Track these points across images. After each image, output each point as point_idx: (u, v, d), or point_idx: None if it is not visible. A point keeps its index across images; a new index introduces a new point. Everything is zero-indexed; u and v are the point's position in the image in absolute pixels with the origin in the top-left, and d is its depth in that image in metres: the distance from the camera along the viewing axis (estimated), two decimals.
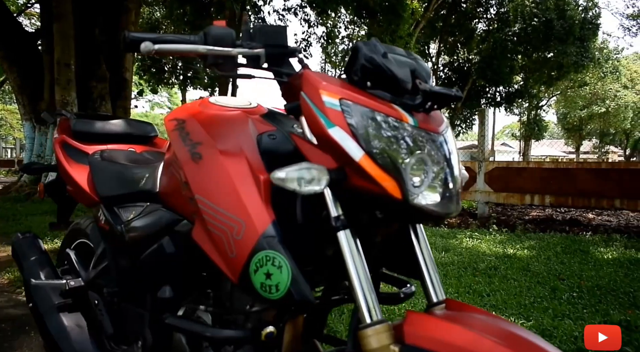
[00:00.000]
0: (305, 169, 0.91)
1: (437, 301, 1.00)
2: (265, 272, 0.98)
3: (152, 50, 1.02)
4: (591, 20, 20.75)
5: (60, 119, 1.94)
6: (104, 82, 9.39)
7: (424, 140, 0.93)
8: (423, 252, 1.03)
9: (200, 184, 1.10)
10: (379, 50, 0.97)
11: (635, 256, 4.85)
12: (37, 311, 1.69)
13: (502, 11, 21.42)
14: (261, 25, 1.10)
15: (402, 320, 0.88)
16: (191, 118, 1.22)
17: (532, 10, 20.60)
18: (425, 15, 18.16)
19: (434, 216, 0.91)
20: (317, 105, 0.94)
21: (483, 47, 21.97)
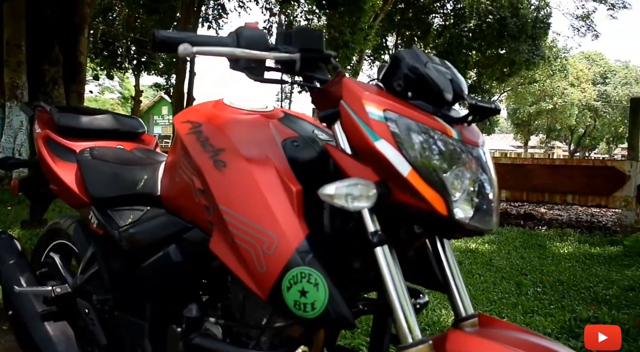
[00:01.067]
0: (354, 185, 0.88)
1: (466, 316, 0.98)
2: (299, 290, 0.93)
3: (192, 52, 0.95)
4: (543, 20, 21.37)
5: (38, 112, 1.82)
6: (57, 65, 8.98)
7: (466, 154, 0.91)
8: (450, 265, 1.01)
9: (226, 194, 1.03)
10: (421, 59, 0.94)
11: (589, 251, 5.04)
12: (19, 319, 1.57)
13: (458, 7, 21.78)
14: (299, 29, 1.05)
15: (443, 338, 0.87)
16: (208, 121, 1.16)
17: (487, 7, 21.07)
18: (383, 8, 18.26)
19: (474, 231, 0.90)
20: (360, 116, 0.90)
21: (439, 42, 22.29)
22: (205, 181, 1.07)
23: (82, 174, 1.52)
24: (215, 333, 1.17)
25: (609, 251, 5.06)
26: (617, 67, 46.04)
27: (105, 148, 1.63)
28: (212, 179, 1.06)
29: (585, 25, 19.94)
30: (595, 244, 5.43)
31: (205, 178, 1.07)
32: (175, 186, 1.24)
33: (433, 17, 22.85)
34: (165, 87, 17.53)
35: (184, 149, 1.17)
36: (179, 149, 1.22)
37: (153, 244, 1.27)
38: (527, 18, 20.49)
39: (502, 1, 20.75)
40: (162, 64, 20.17)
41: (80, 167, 1.54)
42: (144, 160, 1.57)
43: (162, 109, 36.03)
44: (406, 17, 22.17)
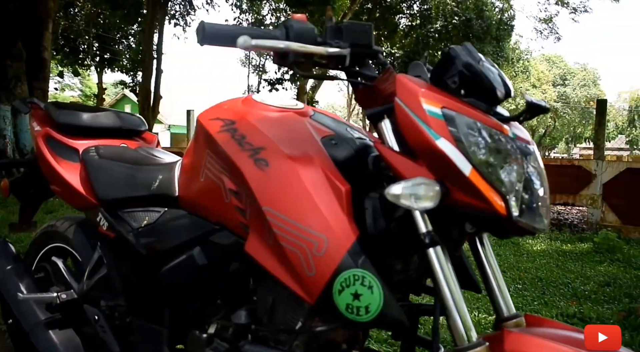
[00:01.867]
0: (419, 184, 0.86)
1: (509, 315, 0.97)
2: (352, 293, 0.90)
3: (251, 46, 0.91)
4: (506, 22, 21.83)
5: (32, 108, 1.72)
6: (20, 61, 8.67)
7: (521, 152, 0.90)
8: (491, 264, 1.00)
9: (270, 194, 0.99)
10: (475, 56, 0.92)
11: (562, 248, 5.16)
12: (21, 329, 1.49)
13: (424, 8, 22.02)
14: (349, 23, 1.01)
15: (499, 339, 0.86)
16: (242, 119, 1.11)
17: (453, 8, 21.37)
18: (351, 7, 18.31)
19: (529, 231, 0.88)
20: (417, 114, 0.87)
21: (406, 42, 22.50)
22: (245, 181, 1.02)
23: (89, 174, 1.45)
24: (243, 338, 1.12)
25: (579, 248, 5.19)
26: (576, 70, 47.37)
27: (111, 147, 1.57)
28: (253, 179, 1.01)
29: (548, 28, 20.40)
30: (566, 241, 5.56)
31: (246, 178, 1.02)
32: (199, 186, 1.19)
33: (400, 17, 23.03)
34: (131, 85, 17.13)
35: (213, 148, 1.12)
36: (203, 148, 1.17)
37: (175, 247, 1.21)
38: (491, 20, 20.88)
39: (467, 3, 21.10)
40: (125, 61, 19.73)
41: (86, 166, 1.47)
42: (153, 159, 1.50)
43: (125, 107, 35.29)
44: (373, 17, 22.24)
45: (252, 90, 21.48)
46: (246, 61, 21.92)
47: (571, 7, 18.40)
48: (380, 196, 0.97)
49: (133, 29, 18.95)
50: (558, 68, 46.32)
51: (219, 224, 1.16)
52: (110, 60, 20.04)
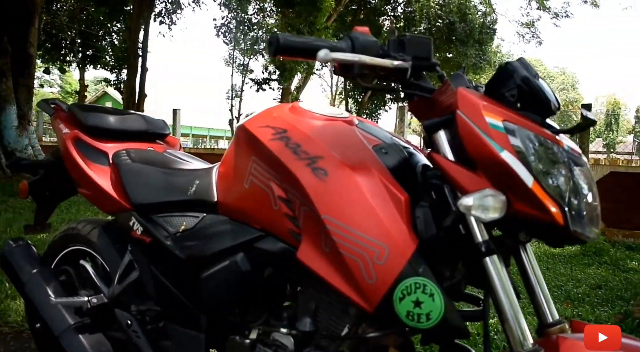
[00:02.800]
0: (488, 196, 0.89)
1: (552, 322, 1.00)
2: (413, 300, 0.93)
3: (331, 59, 0.94)
4: (489, 25, 22.06)
5: (55, 110, 1.71)
6: (5, 57, 8.54)
7: (575, 164, 0.93)
8: (534, 271, 1.02)
9: (330, 203, 1.00)
10: (531, 71, 0.95)
11: (550, 251, 5.24)
12: (50, 333, 1.47)
13: (408, 10, 22.13)
14: (411, 36, 1.03)
15: (554, 346, 0.89)
16: (294, 127, 1.12)
17: (437, 12, 21.53)
18: (336, 9, 18.35)
19: (580, 240, 0.92)
20: (480, 127, 0.90)
21: None
22: (302, 189, 1.03)
23: (122, 178, 1.44)
24: (286, 344, 1.14)
25: (568, 251, 5.27)
26: (555, 73, 48.14)
27: (141, 150, 1.56)
28: (312, 188, 1.02)
29: (530, 32, 20.68)
30: None
31: (303, 186, 1.03)
32: (242, 192, 1.19)
33: (384, 19, 23.12)
34: (115, 83, 16.94)
35: (263, 155, 1.13)
36: (248, 155, 1.17)
37: (217, 252, 1.21)
38: (474, 23, 21.09)
39: (450, 6, 21.26)
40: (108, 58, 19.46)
41: (118, 170, 1.47)
42: (184, 164, 1.50)
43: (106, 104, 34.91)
44: (358, 19, 22.33)
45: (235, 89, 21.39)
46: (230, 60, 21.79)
47: (553, 12, 18.65)
48: (430, 205, 1.00)
49: (117, 26, 18.71)
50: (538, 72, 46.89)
51: (264, 231, 1.17)
52: (93, 57, 19.77)
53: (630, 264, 4.81)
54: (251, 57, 20.94)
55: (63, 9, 18.87)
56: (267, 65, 17.52)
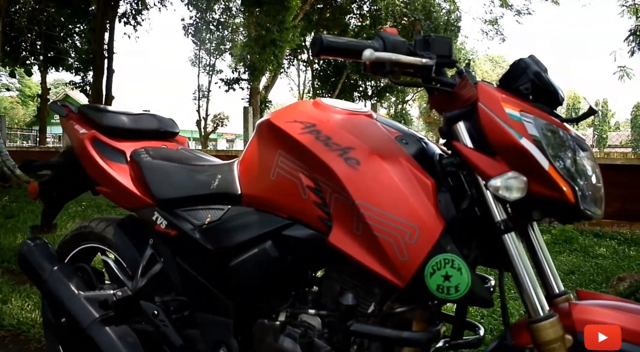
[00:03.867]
0: (511, 178, 0.98)
1: (559, 293, 1.10)
2: (443, 275, 1.01)
3: (374, 58, 1.01)
4: (453, 23, 22.46)
5: (67, 111, 1.73)
6: None
7: (581, 150, 1.03)
8: (542, 248, 1.13)
9: (364, 190, 1.08)
10: (542, 67, 1.05)
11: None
12: (76, 327, 1.51)
13: (374, 9, 22.32)
14: (435, 36, 1.10)
15: (567, 311, 0.99)
16: (322, 121, 1.20)
17: (402, 9, 21.82)
18: (302, 7, 18.42)
19: (588, 216, 1.01)
20: (500, 117, 1.00)
21: None
22: (336, 178, 1.11)
23: (143, 175, 1.49)
24: (314, 324, 1.22)
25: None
26: None
27: (158, 148, 1.61)
28: (346, 176, 1.10)
29: (494, 30, 21.16)
30: None
31: (338, 176, 1.10)
32: (269, 184, 1.25)
33: (350, 17, 23.28)
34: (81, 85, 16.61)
35: (292, 148, 1.20)
36: (274, 148, 1.24)
37: (246, 241, 1.28)
38: (439, 21, 21.46)
39: (415, 4, 21.57)
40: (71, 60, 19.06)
41: (139, 167, 1.51)
42: (201, 160, 1.56)
43: None
44: (324, 17, 22.46)
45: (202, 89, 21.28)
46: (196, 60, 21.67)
47: (515, 9, 19.14)
48: (449, 189, 1.09)
49: (78, 27, 18.36)
50: (501, 68, 48.02)
51: (291, 219, 1.23)
52: (55, 59, 19.36)
53: (599, 250, 5.03)
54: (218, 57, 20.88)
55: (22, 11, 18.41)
56: (235, 65, 17.46)
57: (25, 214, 5.99)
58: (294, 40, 16.56)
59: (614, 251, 5.03)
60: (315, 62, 24.11)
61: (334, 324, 1.20)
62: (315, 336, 1.20)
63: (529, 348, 1.00)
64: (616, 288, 3.02)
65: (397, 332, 1.13)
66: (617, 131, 47.91)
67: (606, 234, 5.96)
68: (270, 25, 13.84)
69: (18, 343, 2.41)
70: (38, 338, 2.42)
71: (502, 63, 48.58)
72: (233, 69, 17.34)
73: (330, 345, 1.18)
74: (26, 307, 2.76)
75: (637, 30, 8.56)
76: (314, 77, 24.23)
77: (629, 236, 5.80)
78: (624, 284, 3.01)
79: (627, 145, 39.71)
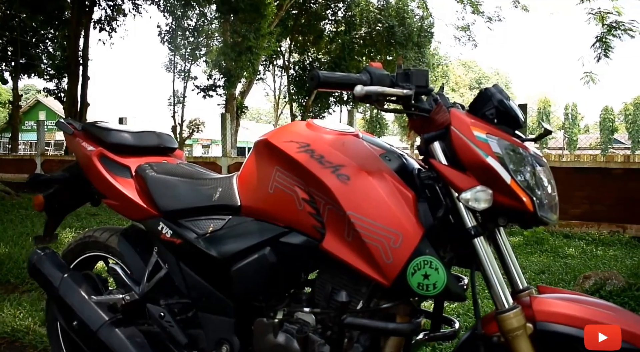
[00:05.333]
0: (480, 191, 1.14)
1: (522, 288, 1.25)
2: (423, 274, 1.16)
3: (363, 93, 1.16)
4: (427, 29, 22.78)
5: (72, 129, 1.85)
6: None
7: (538, 165, 1.19)
8: (507, 249, 1.28)
9: (353, 202, 1.22)
10: (505, 95, 1.21)
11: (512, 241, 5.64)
12: (87, 330, 1.63)
13: (349, 14, 22.53)
14: (413, 70, 1.25)
15: (528, 303, 1.15)
16: (316, 142, 1.34)
17: (376, 16, 22.11)
18: (278, 13, 18.54)
19: (545, 222, 1.17)
20: (470, 139, 1.15)
21: (331, 48, 22.99)
22: (329, 192, 1.25)
23: (149, 188, 1.61)
24: (308, 320, 1.35)
25: (513, 241, 5.69)
26: (490, 74, 50.24)
27: (160, 163, 1.73)
28: (337, 190, 1.24)
29: (466, 36, 21.50)
30: None
31: (330, 190, 1.24)
32: (266, 196, 1.39)
33: (325, 23, 23.45)
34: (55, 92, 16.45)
35: (289, 165, 1.34)
36: (271, 165, 1.38)
37: (246, 248, 1.41)
38: (412, 27, 21.76)
39: (389, 10, 21.86)
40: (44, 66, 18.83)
41: (145, 181, 1.63)
42: (202, 174, 1.69)
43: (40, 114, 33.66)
44: (299, 23, 22.61)
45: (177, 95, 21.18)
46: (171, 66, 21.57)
47: (486, 16, 19.49)
48: (426, 200, 1.24)
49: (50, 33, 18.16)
50: (474, 72, 49.00)
51: (288, 228, 1.37)
52: (26, 66, 19.10)
53: (568, 250, 5.26)
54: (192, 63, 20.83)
55: None
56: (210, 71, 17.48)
57: (4, 224, 5.99)
58: (270, 47, 16.69)
59: (582, 251, 5.27)
60: (290, 67, 24.25)
61: (326, 320, 1.34)
62: (310, 331, 1.33)
63: (496, 336, 1.16)
64: (582, 286, 3.21)
65: (384, 324, 1.27)
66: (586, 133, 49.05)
67: (575, 234, 6.22)
68: (246, 32, 13.95)
69: (14, 349, 2.49)
70: (34, 344, 2.51)
71: (475, 68, 49.44)
72: (208, 76, 17.36)
73: (324, 339, 1.32)
74: (18, 315, 2.84)
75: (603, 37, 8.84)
76: (289, 82, 24.34)
77: (596, 236, 6.06)
78: (589, 282, 3.21)
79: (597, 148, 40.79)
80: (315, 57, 24.22)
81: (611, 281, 3.18)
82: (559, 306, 1.13)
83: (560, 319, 1.10)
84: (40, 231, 5.29)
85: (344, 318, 1.27)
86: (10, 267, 3.86)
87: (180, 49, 19.79)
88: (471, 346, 1.21)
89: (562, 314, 1.10)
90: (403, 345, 1.34)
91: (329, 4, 22.38)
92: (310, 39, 23.31)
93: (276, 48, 20.14)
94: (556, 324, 1.09)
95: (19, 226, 5.84)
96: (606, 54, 8.51)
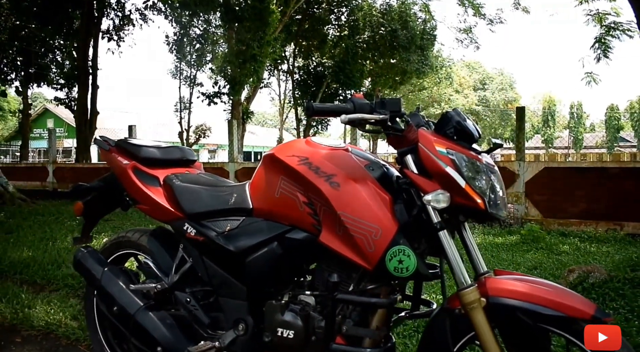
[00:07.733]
0: (439, 194, 1.42)
1: (483, 272, 1.52)
2: (398, 260, 1.45)
3: (347, 120, 1.48)
4: (429, 32, 22.99)
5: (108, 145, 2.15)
6: None
7: (490, 172, 1.47)
8: (470, 240, 1.55)
9: (343, 203, 1.52)
10: (462, 117, 1.50)
11: (494, 241, 5.86)
12: (126, 313, 1.95)
13: (352, 19, 22.73)
14: (388, 99, 1.55)
15: (484, 282, 1.42)
16: (313, 156, 1.63)
17: (379, 20, 22.31)
18: (282, 19, 18.81)
19: (496, 218, 1.46)
20: (433, 153, 1.44)
21: (335, 52, 23.22)
22: (323, 196, 1.54)
23: (175, 194, 1.92)
24: (309, 302, 1.65)
25: (509, 240, 5.93)
26: (494, 75, 50.30)
27: (184, 174, 2.04)
28: (330, 195, 1.54)
29: (468, 38, 21.70)
30: (498, 235, 6.30)
31: (324, 194, 1.54)
32: (274, 200, 1.69)
33: (328, 28, 23.68)
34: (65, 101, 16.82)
35: (292, 175, 1.64)
36: (277, 174, 1.68)
37: (258, 243, 1.71)
38: (415, 30, 21.98)
39: (392, 14, 22.06)
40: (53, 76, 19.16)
41: (172, 189, 1.94)
42: (219, 182, 2.01)
43: (48, 121, 34.15)
44: (303, 28, 22.86)
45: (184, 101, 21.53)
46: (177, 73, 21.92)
47: (488, 18, 19.70)
48: (402, 201, 1.53)
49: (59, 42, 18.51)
50: (478, 73, 49.15)
51: (291, 226, 1.67)
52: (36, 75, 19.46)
53: (562, 248, 5.46)
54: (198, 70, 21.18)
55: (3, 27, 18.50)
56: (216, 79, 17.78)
57: (24, 230, 6.29)
58: (275, 53, 16.98)
59: (576, 248, 5.48)
60: (295, 72, 24.54)
61: (324, 301, 1.63)
62: (310, 310, 1.63)
63: (458, 309, 1.44)
64: (566, 279, 3.45)
65: (368, 299, 1.57)
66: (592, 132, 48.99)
67: (572, 232, 6.42)
68: (250, 40, 14.26)
69: (49, 340, 2.80)
70: (67, 335, 2.82)
71: (479, 68, 49.53)
72: (213, 83, 17.68)
73: (322, 316, 1.62)
74: (50, 310, 3.14)
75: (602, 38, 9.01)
76: (294, 87, 24.63)
77: (592, 234, 6.27)
78: (573, 275, 3.45)
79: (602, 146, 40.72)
80: (319, 62, 24.49)
81: (594, 273, 3.42)
82: (506, 284, 1.40)
83: (507, 293, 1.37)
84: (58, 235, 5.68)
85: (336, 295, 1.56)
86: (35, 269, 4.18)
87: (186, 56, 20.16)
88: (440, 318, 1.50)
89: (509, 290, 1.37)
90: (387, 320, 1.62)
91: (332, 8, 22.63)
92: (314, 44, 23.53)
93: (281, 54, 20.41)
94: (503, 298, 1.37)
95: (39, 231, 6.16)
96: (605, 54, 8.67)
